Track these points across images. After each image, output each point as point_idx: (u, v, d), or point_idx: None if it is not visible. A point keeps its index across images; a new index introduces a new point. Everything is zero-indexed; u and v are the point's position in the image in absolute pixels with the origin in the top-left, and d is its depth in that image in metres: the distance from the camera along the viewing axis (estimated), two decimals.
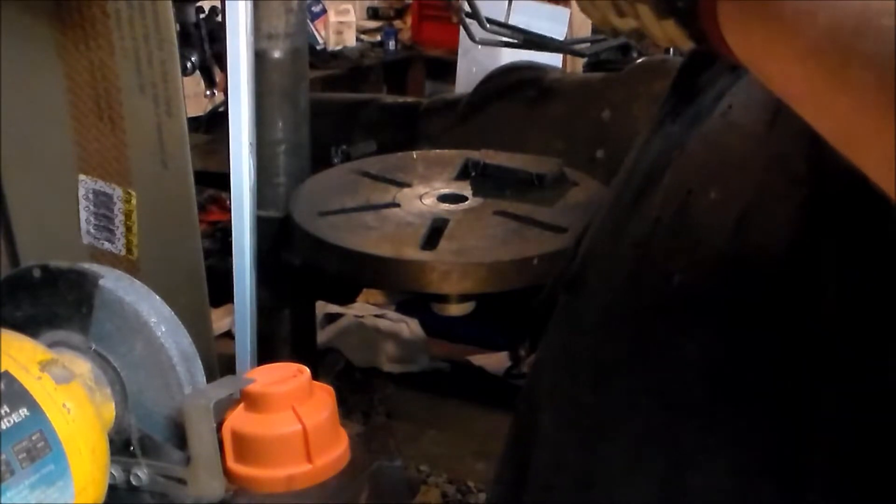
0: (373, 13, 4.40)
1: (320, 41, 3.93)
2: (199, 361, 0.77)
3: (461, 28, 1.73)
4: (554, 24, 2.47)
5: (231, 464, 0.74)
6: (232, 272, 1.16)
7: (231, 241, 1.16)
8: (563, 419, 0.64)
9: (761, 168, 0.54)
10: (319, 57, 3.77)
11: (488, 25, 1.68)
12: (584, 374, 0.62)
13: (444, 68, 3.54)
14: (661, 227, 0.58)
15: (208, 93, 1.69)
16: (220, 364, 1.16)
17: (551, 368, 0.67)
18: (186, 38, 1.54)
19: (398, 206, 1.21)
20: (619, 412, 0.58)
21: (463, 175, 1.29)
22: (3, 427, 0.61)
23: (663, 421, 0.55)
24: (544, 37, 1.83)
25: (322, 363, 1.83)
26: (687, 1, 0.45)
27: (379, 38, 4.27)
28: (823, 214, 0.50)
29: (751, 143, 0.55)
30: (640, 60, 1.59)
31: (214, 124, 1.79)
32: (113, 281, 0.75)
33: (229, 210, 1.16)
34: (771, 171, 0.53)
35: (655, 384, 0.56)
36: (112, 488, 0.71)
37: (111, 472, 0.72)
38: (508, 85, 1.66)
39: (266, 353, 1.22)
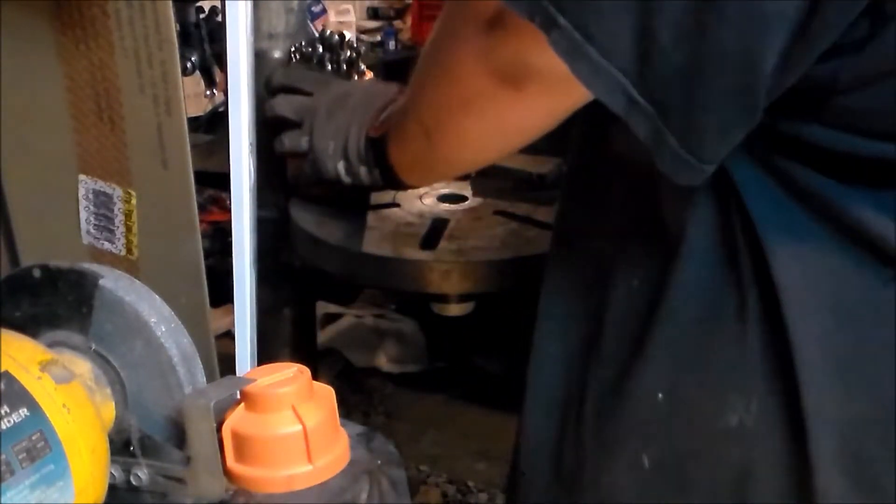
0: (373, 13, 4.39)
1: None
2: (199, 361, 0.77)
3: None
4: None
5: (231, 464, 0.73)
6: (232, 272, 1.16)
7: (231, 241, 1.16)
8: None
9: None
10: None
11: None
12: None
13: None
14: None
15: (208, 93, 1.69)
16: (220, 364, 1.16)
17: None
18: (186, 38, 1.54)
19: (398, 205, 1.21)
20: None
21: (463, 175, 1.29)
22: (3, 427, 0.61)
23: None
24: None
25: (322, 363, 1.82)
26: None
27: (379, 38, 4.26)
28: None
29: None
30: None
31: (214, 124, 1.79)
32: (113, 281, 0.75)
33: (229, 210, 1.15)
34: None
35: None
36: (112, 488, 0.71)
37: (111, 472, 0.72)
38: None
39: (266, 353, 1.21)
